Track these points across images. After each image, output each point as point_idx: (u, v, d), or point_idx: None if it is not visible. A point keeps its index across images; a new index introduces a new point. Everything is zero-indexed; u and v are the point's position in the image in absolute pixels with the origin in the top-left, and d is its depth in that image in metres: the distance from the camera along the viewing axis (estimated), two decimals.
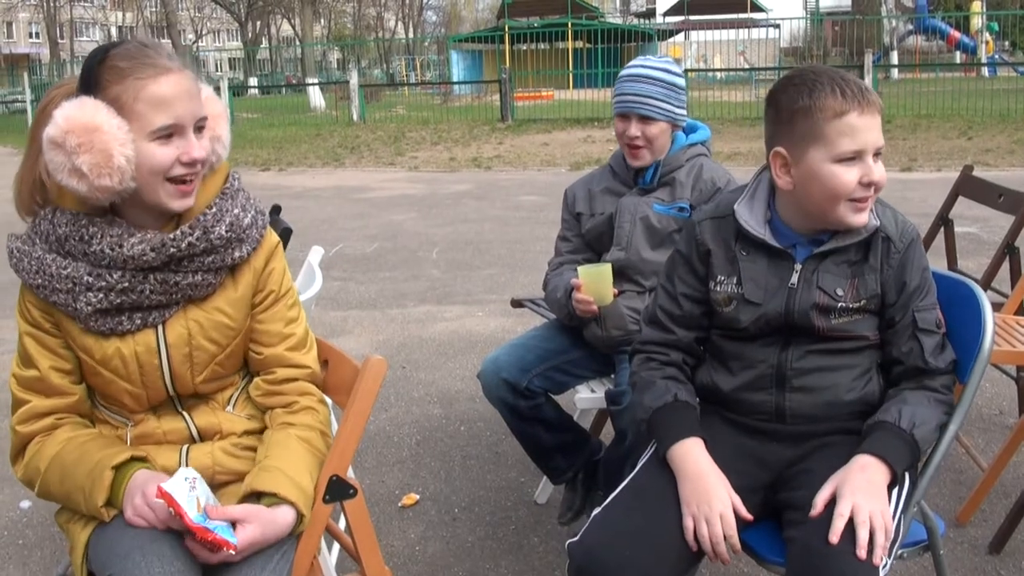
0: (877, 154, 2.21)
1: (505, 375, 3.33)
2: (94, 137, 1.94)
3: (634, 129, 3.35)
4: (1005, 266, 4.42)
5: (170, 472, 2.13)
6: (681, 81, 3.44)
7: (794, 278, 2.31)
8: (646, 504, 2.26)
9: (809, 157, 2.22)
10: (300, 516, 2.06)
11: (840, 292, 2.27)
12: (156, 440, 2.23)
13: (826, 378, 2.32)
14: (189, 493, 1.95)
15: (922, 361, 2.27)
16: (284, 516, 2.03)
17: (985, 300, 2.32)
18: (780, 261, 2.33)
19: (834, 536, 2.00)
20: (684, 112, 3.44)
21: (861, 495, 2.06)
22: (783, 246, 2.33)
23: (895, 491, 2.17)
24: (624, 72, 3.44)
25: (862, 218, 2.24)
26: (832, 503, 2.08)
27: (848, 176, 2.19)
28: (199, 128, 2.09)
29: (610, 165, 3.59)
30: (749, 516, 2.20)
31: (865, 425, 2.25)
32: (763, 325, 2.33)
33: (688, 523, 2.17)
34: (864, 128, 2.18)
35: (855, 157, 2.19)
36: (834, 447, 2.26)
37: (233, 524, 1.98)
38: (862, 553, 1.97)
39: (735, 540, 2.17)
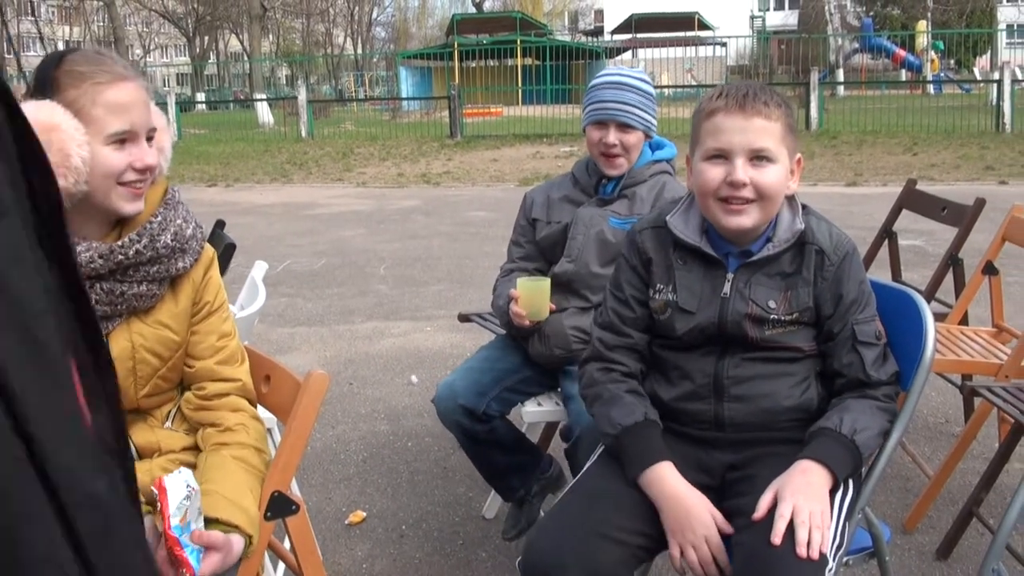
0: (757, 158, 2.24)
1: (462, 401, 3.27)
2: (52, 136, 1.92)
3: (612, 137, 3.27)
4: (949, 277, 4.47)
5: None
6: (654, 92, 3.41)
7: (726, 287, 2.33)
8: (591, 503, 2.28)
9: (695, 158, 2.34)
10: (248, 538, 2.03)
11: (772, 304, 2.29)
12: None
13: (762, 386, 2.33)
14: (182, 500, 1.88)
15: (863, 373, 2.29)
16: (237, 543, 2.00)
17: (926, 309, 2.33)
18: (714, 270, 2.36)
19: (776, 538, 2.02)
20: (655, 124, 3.41)
21: (801, 496, 2.07)
22: (717, 255, 2.35)
23: (838, 496, 2.19)
24: (600, 80, 3.37)
25: (733, 220, 2.28)
26: (775, 507, 2.09)
27: (711, 173, 2.27)
28: (149, 138, 2.10)
29: (572, 173, 3.52)
30: (730, 529, 2.19)
31: (807, 432, 2.26)
32: (697, 334, 2.35)
33: (675, 552, 2.19)
34: (731, 129, 2.24)
35: (720, 155, 2.26)
36: (777, 456, 2.27)
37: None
38: (801, 551, 2.00)
39: (723, 557, 2.16)
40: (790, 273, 2.31)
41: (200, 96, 42.59)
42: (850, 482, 2.26)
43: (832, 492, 2.16)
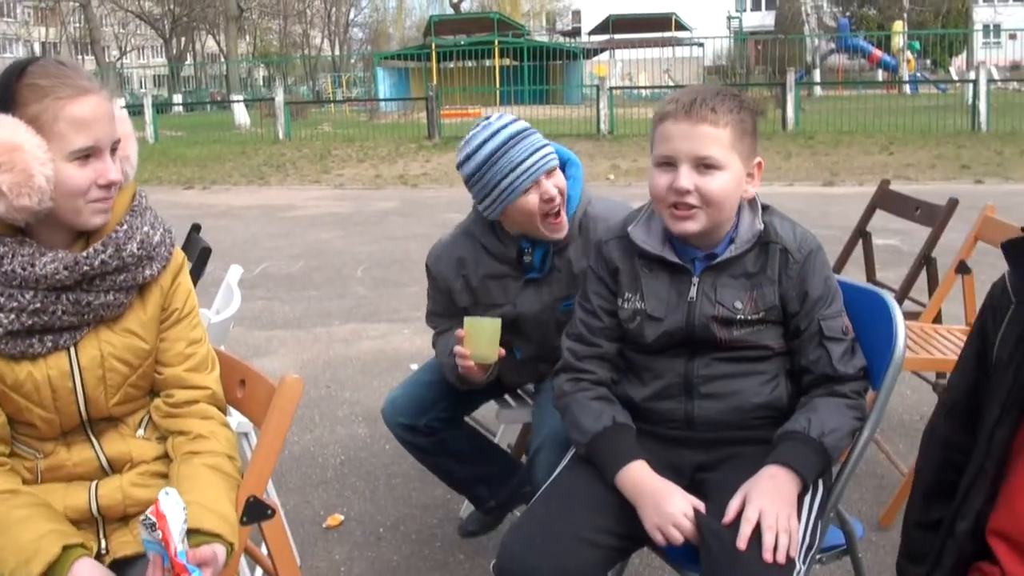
0: (703, 165, 2.26)
1: (401, 419, 3.22)
2: (15, 156, 1.91)
3: (551, 187, 2.83)
4: (923, 276, 4.50)
5: (79, 512, 2.08)
6: None
7: (692, 292, 2.34)
8: (563, 505, 2.30)
9: (652, 163, 2.36)
10: (230, 546, 2.02)
11: (739, 305, 2.31)
12: (67, 473, 2.17)
13: (732, 384, 2.35)
14: (182, 524, 1.85)
15: (831, 368, 2.30)
16: (221, 552, 1.98)
17: (896, 308, 2.35)
18: (680, 276, 2.38)
19: (741, 542, 2.04)
20: None
21: (767, 500, 2.09)
22: (681, 261, 2.36)
23: (807, 498, 2.21)
24: (488, 150, 2.85)
25: (679, 226, 2.31)
26: (743, 511, 2.11)
27: (659, 180, 2.30)
28: (113, 150, 2.07)
29: (479, 242, 3.09)
30: (702, 507, 2.20)
31: (775, 435, 2.27)
32: (667, 340, 2.37)
33: (658, 538, 2.19)
34: (675, 136, 2.27)
35: (668, 162, 2.29)
36: (745, 457, 2.29)
37: None
38: (768, 556, 2.02)
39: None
40: (754, 273, 2.33)
41: (177, 98, 42.28)
42: (819, 482, 2.27)
43: (800, 495, 2.18)
